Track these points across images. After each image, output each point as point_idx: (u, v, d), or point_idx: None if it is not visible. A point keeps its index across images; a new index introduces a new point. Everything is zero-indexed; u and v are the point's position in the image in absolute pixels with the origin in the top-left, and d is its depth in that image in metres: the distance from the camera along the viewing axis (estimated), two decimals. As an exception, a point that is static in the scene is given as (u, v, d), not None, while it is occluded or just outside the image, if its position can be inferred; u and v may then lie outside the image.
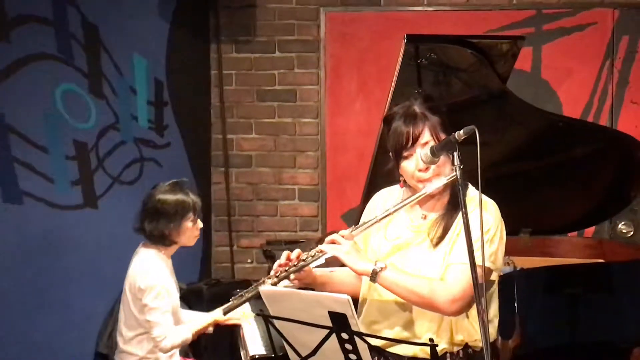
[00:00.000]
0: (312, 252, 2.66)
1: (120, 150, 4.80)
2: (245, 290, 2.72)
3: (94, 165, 4.54)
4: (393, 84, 3.38)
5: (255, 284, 2.70)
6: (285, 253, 2.70)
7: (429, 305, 2.55)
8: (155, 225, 3.76)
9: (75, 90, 4.39)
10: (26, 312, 4.00)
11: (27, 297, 4.01)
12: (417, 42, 3.37)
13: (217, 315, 3.85)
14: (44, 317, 4.11)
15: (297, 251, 2.69)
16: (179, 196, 3.80)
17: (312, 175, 5.89)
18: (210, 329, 3.90)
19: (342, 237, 2.63)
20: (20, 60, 3.98)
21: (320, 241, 3.66)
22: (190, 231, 3.84)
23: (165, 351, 3.77)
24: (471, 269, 2.32)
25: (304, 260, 2.66)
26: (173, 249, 3.89)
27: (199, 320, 3.88)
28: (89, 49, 4.51)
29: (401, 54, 3.35)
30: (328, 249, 2.62)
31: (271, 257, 4.42)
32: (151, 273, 3.76)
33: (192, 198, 3.83)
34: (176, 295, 3.90)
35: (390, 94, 3.36)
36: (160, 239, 3.80)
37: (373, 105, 5.63)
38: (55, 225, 4.22)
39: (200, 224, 3.90)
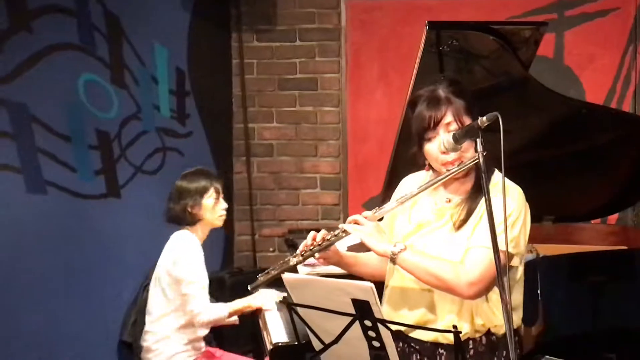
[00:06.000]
0: (336, 232, 2.67)
1: (143, 139, 4.82)
2: (271, 267, 2.73)
3: (116, 155, 4.56)
4: (414, 71, 3.37)
5: (281, 262, 2.71)
6: (312, 234, 2.72)
7: (447, 288, 2.54)
8: (178, 204, 3.98)
9: (97, 80, 4.41)
10: (50, 301, 4.03)
11: (50, 286, 4.04)
12: (439, 29, 3.36)
13: (253, 299, 3.94)
14: (67, 306, 4.14)
15: (322, 232, 2.71)
16: (200, 178, 4.06)
17: (334, 164, 5.89)
18: (236, 318, 3.96)
19: (365, 218, 2.64)
20: (43, 51, 4.00)
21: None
22: (213, 209, 4.05)
23: (201, 325, 3.94)
24: (494, 253, 2.32)
25: (328, 240, 2.67)
26: (204, 229, 4.06)
27: (237, 301, 3.95)
28: (111, 39, 4.52)
29: (422, 41, 3.34)
30: (350, 229, 2.63)
31: (293, 246, 4.43)
32: (188, 249, 3.94)
33: (212, 179, 4.09)
34: (207, 277, 3.99)
35: (412, 82, 3.35)
36: (184, 217, 4.00)
37: (394, 93, 5.62)
38: (79, 215, 4.25)
39: (224, 204, 4.12)
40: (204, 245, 4.02)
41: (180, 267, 3.87)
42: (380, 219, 2.77)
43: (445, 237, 2.62)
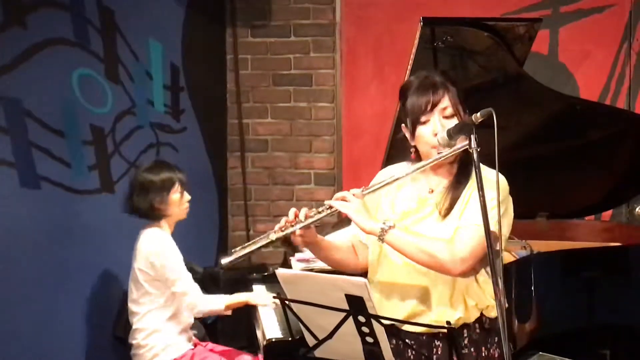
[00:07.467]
0: (320, 208, 2.62)
1: (137, 135, 4.81)
2: (250, 242, 2.65)
3: (110, 150, 4.55)
4: (409, 67, 3.38)
5: (259, 237, 2.66)
6: (293, 210, 2.65)
7: (438, 264, 2.53)
8: (144, 199, 3.95)
9: (91, 75, 4.40)
10: (43, 297, 4.02)
11: (44, 281, 4.03)
12: (434, 25, 3.37)
13: (253, 296, 3.95)
14: (61, 301, 4.13)
15: (304, 209, 2.65)
16: (164, 171, 4.01)
17: (328, 160, 5.89)
18: (229, 312, 3.97)
19: (353, 195, 2.62)
20: (37, 45, 3.98)
21: (335, 225, 3.66)
22: (179, 203, 4.02)
23: (201, 316, 4.02)
24: (486, 235, 2.32)
25: (311, 216, 2.62)
26: (171, 223, 4.05)
27: (235, 295, 3.97)
28: (105, 34, 4.51)
29: (417, 37, 3.35)
30: (337, 205, 2.60)
31: (286, 241, 4.41)
32: (165, 247, 3.93)
33: (175, 171, 4.04)
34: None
35: (407, 78, 3.35)
36: (150, 213, 3.98)
37: (389, 89, 5.61)
38: (72, 210, 4.24)
39: (187, 197, 4.07)
40: (198, 240, 4.03)
41: (166, 270, 3.87)
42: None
43: (432, 226, 2.62)
